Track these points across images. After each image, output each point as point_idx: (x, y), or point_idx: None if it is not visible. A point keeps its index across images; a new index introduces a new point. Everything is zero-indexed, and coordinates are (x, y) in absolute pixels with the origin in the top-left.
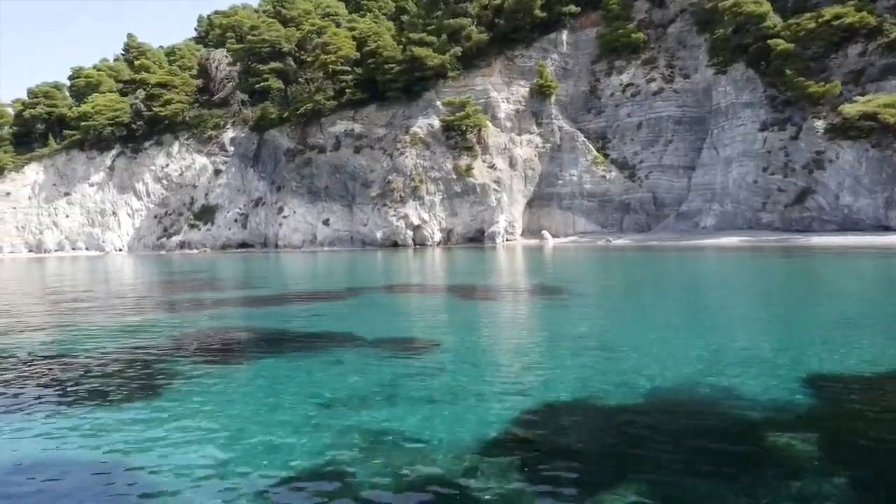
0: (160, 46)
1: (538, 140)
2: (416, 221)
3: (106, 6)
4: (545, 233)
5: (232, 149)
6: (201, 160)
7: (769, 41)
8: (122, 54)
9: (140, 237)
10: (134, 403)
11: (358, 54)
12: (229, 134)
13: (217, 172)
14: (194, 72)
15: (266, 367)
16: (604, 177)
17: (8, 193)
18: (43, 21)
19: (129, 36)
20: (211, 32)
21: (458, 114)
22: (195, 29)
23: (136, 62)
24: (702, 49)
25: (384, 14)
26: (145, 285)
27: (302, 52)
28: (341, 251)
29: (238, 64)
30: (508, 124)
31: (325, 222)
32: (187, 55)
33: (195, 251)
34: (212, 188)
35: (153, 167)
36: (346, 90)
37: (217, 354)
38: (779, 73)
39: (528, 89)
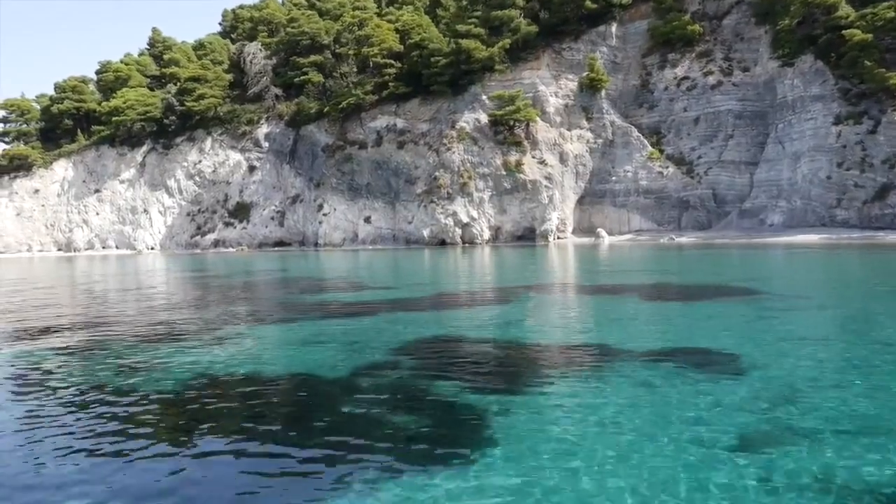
0: (183, 41)
1: (589, 135)
2: (464, 219)
3: (124, 3)
4: (601, 230)
5: (266, 144)
6: (235, 156)
7: (843, 32)
8: (147, 49)
9: (172, 235)
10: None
11: (401, 47)
12: (263, 129)
13: (251, 169)
14: (225, 66)
15: (586, 390)
16: (661, 173)
17: (36, 191)
18: (57, 19)
19: (154, 30)
20: (240, 26)
21: (507, 108)
22: (219, 24)
23: (165, 56)
24: (762, 41)
25: (421, 7)
26: (271, 291)
27: (337, 46)
28: (384, 250)
29: (274, 58)
30: (558, 119)
31: (367, 220)
32: (218, 49)
33: (231, 250)
34: (246, 185)
35: (185, 163)
36: (389, 84)
37: (514, 376)
38: (853, 64)
39: (576, 83)
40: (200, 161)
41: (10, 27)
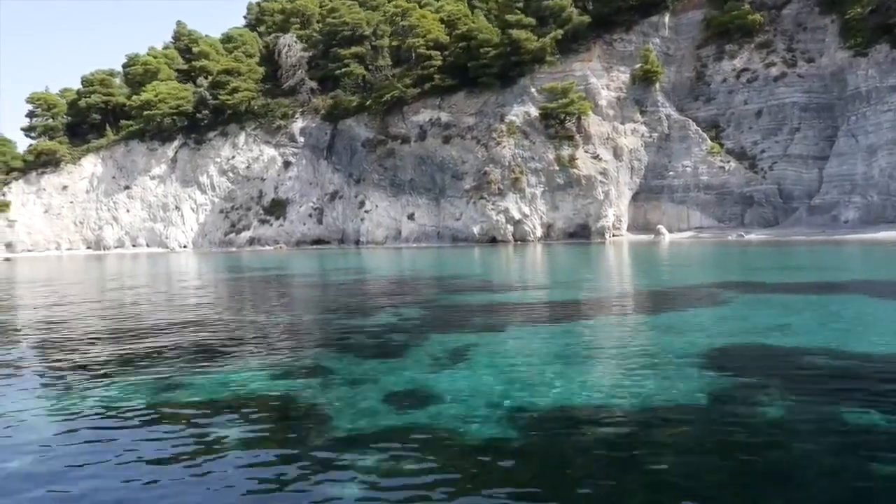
0: (206, 35)
1: (643, 129)
2: (516, 216)
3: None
4: (661, 227)
5: (302, 139)
6: (269, 151)
7: None
8: (172, 43)
9: (205, 233)
10: None
11: (447, 38)
12: (299, 124)
13: (287, 164)
14: (256, 59)
15: None
16: (722, 168)
17: (64, 187)
18: (74, 14)
19: (179, 24)
20: (268, 19)
21: (560, 100)
22: (244, 17)
23: (194, 49)
24: (828, 31)
25: None
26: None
27: (374, 38)
28: (431, 248)
29: (311, 50)
30: (610, 112)
31: (410, 217)
32: (249, 41)
33: (268, 248)
34: (281, 181)
35: (218, 159)
36: (434, 76)
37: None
38: None
39: (628, 75)
40: (234, 156)
41: (27, 24)
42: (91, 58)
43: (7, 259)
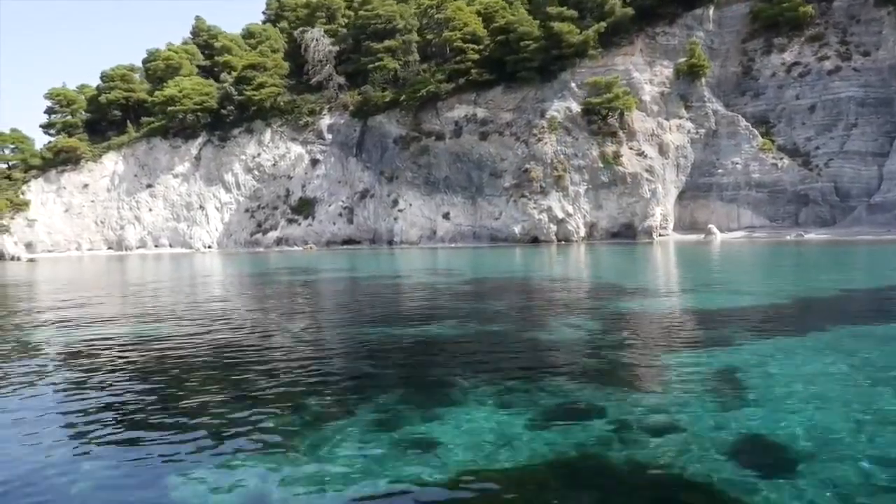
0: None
1: (689, 125)
2: (559, 215)
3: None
4: (712, 227)
5: (330, 136)
6: (296, 149)
7: None
8: (190, 39)
9: (230, 233)
10: None
11: (485, 31)
12: (326, 120)
13: (314, 162)
14: (280, 54)
15: None
16: (775, 165)
17: (85, 185)
18: (90, 10)
19: (198, 19)
20: (289, 13)
21: (605, 95)
22: (263, 12)
23: (216, 44)
24: (884, 23)
25: None
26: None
27: (403, 32)
28: (468, 248)
29: (339, 44)
30: (655, 108)
31: (445, 216)
32: (272, 36)
33: (297, 248)
34: (309, 179)
35: (243, 157)
36: (472, 70)
37: None
38: None
39: (671, 70)
40: (259, 154)
41: (38, 21)
42: (104, 56)
43: (31, 260)
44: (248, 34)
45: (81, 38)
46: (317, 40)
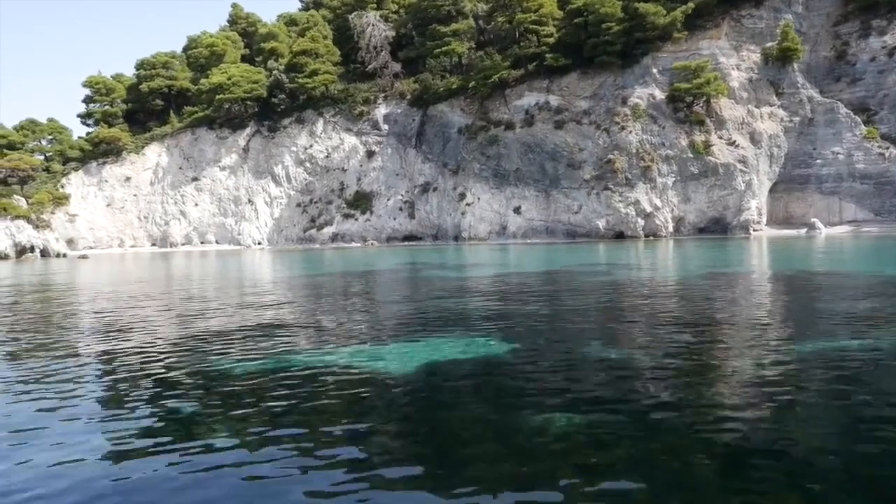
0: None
1: (781, 113)
2: (647, 208)
3: None
4: (816, 221)
5: (386, 127)
6: (350, 140)
7: None
8: (227, 27)
9: (281, 229)
10: None
11: (561, 13)
12: (382, 110)
13: (370, 154)
14: (329, 41)
15: None
16: (882, 155)
17: (127, 178)
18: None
19: (235, 6)
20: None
21: (694, 80)
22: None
23: (261, 30)
24: None
25: None
26: None
27: (461, 16)
28: (544, 244)
29: (400, 29)
30: (744, 94)
31: (516, 210)
32: (319, 22)
33: (355, 244)
34: (364, 172)
35: (294, 148)
36: (546, 55)
37: None
38: None
39: (759, 55)
40: (311, 145)
41: (58, 12)
42: (134, 46)
43: (83, 256)
44: (291, 21)
45: (108, 28)
46: (372, 25)
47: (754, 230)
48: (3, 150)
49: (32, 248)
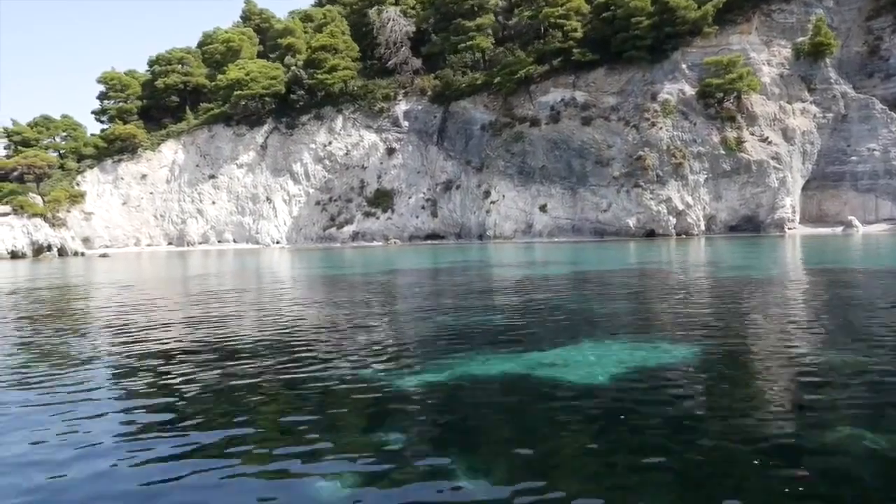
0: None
1: (814, 109)
2: (679, 206)
3: None
4: (853, 219)
5: (406, 123)
6: (370, 137)
7: None
8: (240, 23)
9: (300, 227)
10: None
11: (588, 7)
12: (402, 106)
13: (391, 151)
14: (346, 37)
15: None
16: None
17: (143, 176)
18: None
19: (248, 2)
20: None
21: (726, 76)
22: None
23: (277, 26)
24: None
25: None
26: None
27: (491, 9)
28: (573, 242)
29: (422, 24)
30: (775, 90)
31: (542, 208)
32: (337, 17)
33: (376, 243)
34: (385, 170)
35: (313, 145)
36: (573, 50)
37: None
38: None
39: (789, 50)
40: (330, 142)
41: (66, 9)
42: (144, 43)
43: (104, 255)
44: (306, 17)
45: (116, 26)
46: (393, 20)
47: (789, 228)
48: (18, 147)
49: (49, 247)
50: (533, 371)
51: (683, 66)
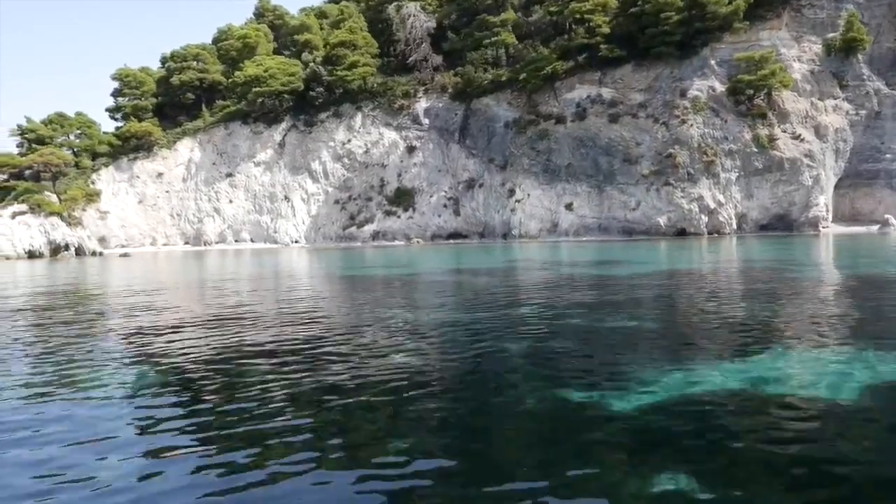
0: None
1: (846, 106)
2: (711, 204)
3: None
4: (890, 217)
5: (427, 121)
6: (390, 134)
7: None
8: (254, 20)
9: (318, 226)
10: None
11: (615, 2)
12: (423, 104)
13: (411, 149)
14: (364, 32)
15: None
16: None
17: (159, 174)
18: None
19: None
20: None
21: (758, 72)
22: None
23: (292, 22)
24: None
25: None
26: None
27: (503, 6)
28: (595, 242)
29: (445, 19)
30: (807, 87)
31: (568, 207)
32: (354, 13)
33: (398, 242)
34: (405, 168)
35: (332, 143)
36: (601, 46)
37: None
38: None
39: (820, 46)
40: (349, 140)
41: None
42: (154, 41)
43: (125, 255)
44: (321, 14)
45: (127, 23)
46: (413, 16)
47: (823, 227)
48: (33, 145)
49: (67, 247)
50: (720, 382)
51: (712, 62)
